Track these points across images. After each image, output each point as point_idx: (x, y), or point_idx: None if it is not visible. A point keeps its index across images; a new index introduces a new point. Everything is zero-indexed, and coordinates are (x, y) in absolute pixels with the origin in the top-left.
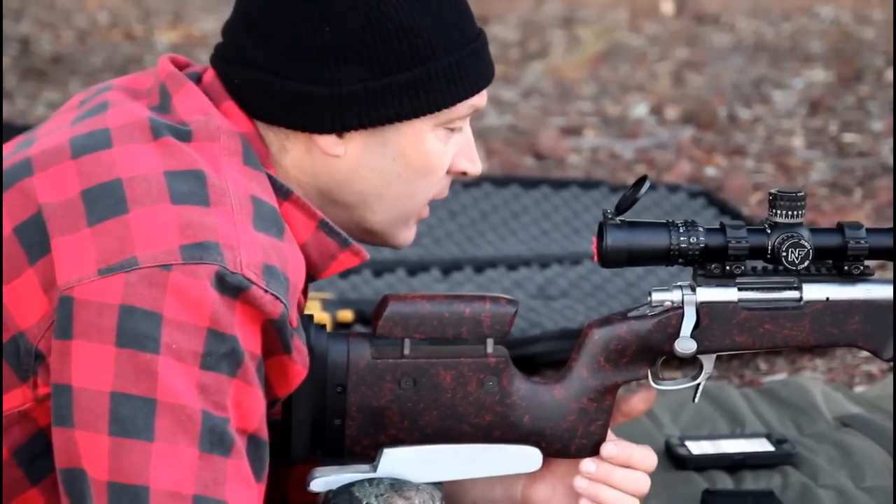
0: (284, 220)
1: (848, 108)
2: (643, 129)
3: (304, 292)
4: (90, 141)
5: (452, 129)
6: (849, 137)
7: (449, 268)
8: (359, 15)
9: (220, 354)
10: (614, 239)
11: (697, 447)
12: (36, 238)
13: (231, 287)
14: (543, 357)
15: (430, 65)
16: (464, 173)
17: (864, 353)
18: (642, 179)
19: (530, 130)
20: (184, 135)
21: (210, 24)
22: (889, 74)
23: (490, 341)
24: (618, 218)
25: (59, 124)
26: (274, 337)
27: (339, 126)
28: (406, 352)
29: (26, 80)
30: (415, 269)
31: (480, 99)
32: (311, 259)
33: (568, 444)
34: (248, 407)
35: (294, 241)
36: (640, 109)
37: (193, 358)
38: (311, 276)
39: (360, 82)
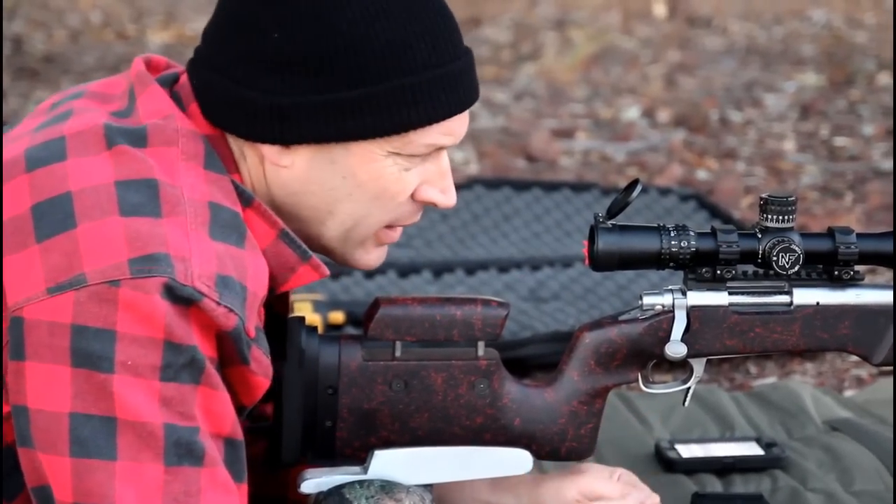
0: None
1: (839, 112)
2: (635, 131)
3: (285, 300)
4: (44, 153)
5: (414, 156)
6: (840, 141)
7: (440, 270)
8: (309, 25)
9: (179, 365)
10: (605, 242)
11: (687, 450)
12: None
13: (182, 298)
14: (534, 360)
15: (380, 86)
16: (433, 203)
17: (854, 358)
18: (634, 183)
19: (522, 132)
20: (139, 139)
21: (202, 24)
22: (880, 78)
23: (481, 344)
24: (609, 221)
25: (23, 131)
26: (230, 348)
27: (280, 138)
28: (397, 354)
29: (19, 80)
30: (406, 271)
31: (444, 133)
32: (270, 270)
33: (558, 446)
34: (217, 411)
35: (256, 249)
36: (631, 112)
37: (152, 372)
38: (271, 288)
39: (303, 95)
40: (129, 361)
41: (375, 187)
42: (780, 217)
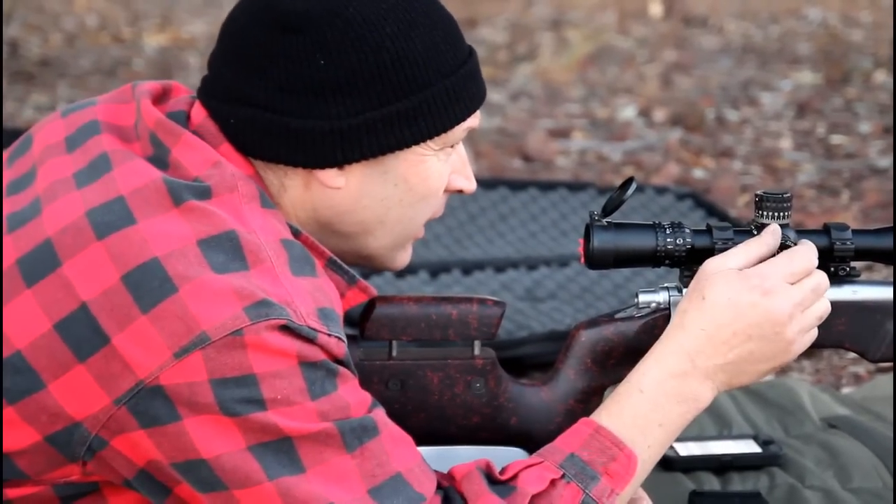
0: None
1: (835, 110)
2: (631, 131)
3: None
4: (110, 216)
5: (449, 149)
6: (836, 139)
7: (437, 270)
8: (353, 47)
9: (320, 378)
10: (601, 240)
11: (685, 448)
12: (84, 335)
13: (302, 336)
14: (531, 359)
15: (427, 91)
16: (460, 191)
17: (851, 355)
18: (629, 181)
19: (518, 133)
20: (203, 192)
21: (198, 27)
22: (877, 76)
23: (477, 343)
24: (604, 219)
25: (55, 174)
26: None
27: (342, 159)
28: (394, 354)
29: (14, 83)
30: (402, 271)
31: (475, 119)
32: None
33: None
34: (359, 391)
35: (324, 273)
36: (628, 112)
37: (302, 394)
38: None
39: (360, 114)
40: (278, 396)
41: (423, 187)
42: (776, 214)
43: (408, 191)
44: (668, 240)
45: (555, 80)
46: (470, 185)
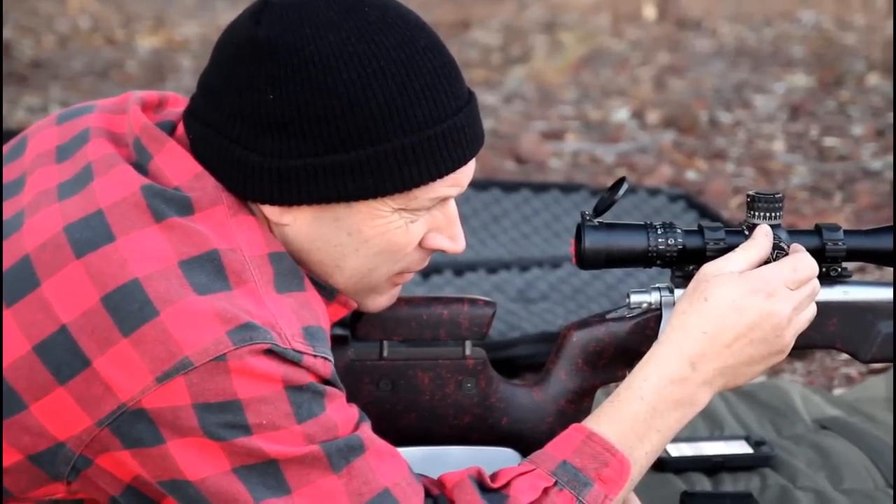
0: None
1: (829, 113)
2: (624, 133)
3: None
4: (88, 233)
5: (420, 209)
6: (829, 141)
7: (428, 271)
8: (304, 86)
9: (307, 400)
10: (592, 240)
11: (676, 449)
12: (64, 358)
13: (286, 360)
14: (523, 360)
15: (381, 146)
16: (442, 250)
17: (843, 356)
18: (620, 181)
19: (512, 135)
20: (185, 207)
21: (191, 29)
22: (869, 79)
23: (468, 343)
24: (596, 219)
25: (41, 184)
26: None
27: (279, 199)
28: (384, 354)
29: (7, 85)
30: None
31: (449, 185)
32: None
33: None
34: (346, 408)
35: (312, 286)
36: (621, 114)
37: (288, 419)
38: None
39: (300, 158)
40: (263, 421)
41: (382, 242)
42: (768, 214)
43: (363, 242)
44: (660, 240)
45: (548, 82)
46: (454, 245)
